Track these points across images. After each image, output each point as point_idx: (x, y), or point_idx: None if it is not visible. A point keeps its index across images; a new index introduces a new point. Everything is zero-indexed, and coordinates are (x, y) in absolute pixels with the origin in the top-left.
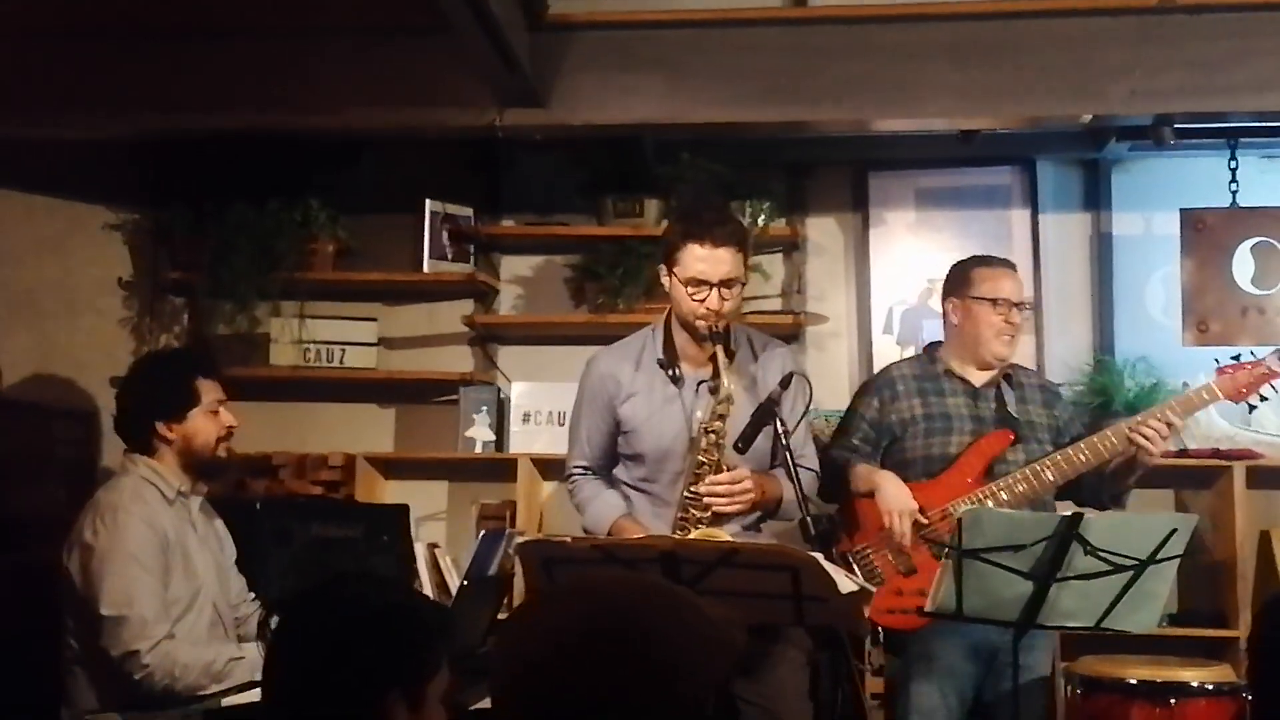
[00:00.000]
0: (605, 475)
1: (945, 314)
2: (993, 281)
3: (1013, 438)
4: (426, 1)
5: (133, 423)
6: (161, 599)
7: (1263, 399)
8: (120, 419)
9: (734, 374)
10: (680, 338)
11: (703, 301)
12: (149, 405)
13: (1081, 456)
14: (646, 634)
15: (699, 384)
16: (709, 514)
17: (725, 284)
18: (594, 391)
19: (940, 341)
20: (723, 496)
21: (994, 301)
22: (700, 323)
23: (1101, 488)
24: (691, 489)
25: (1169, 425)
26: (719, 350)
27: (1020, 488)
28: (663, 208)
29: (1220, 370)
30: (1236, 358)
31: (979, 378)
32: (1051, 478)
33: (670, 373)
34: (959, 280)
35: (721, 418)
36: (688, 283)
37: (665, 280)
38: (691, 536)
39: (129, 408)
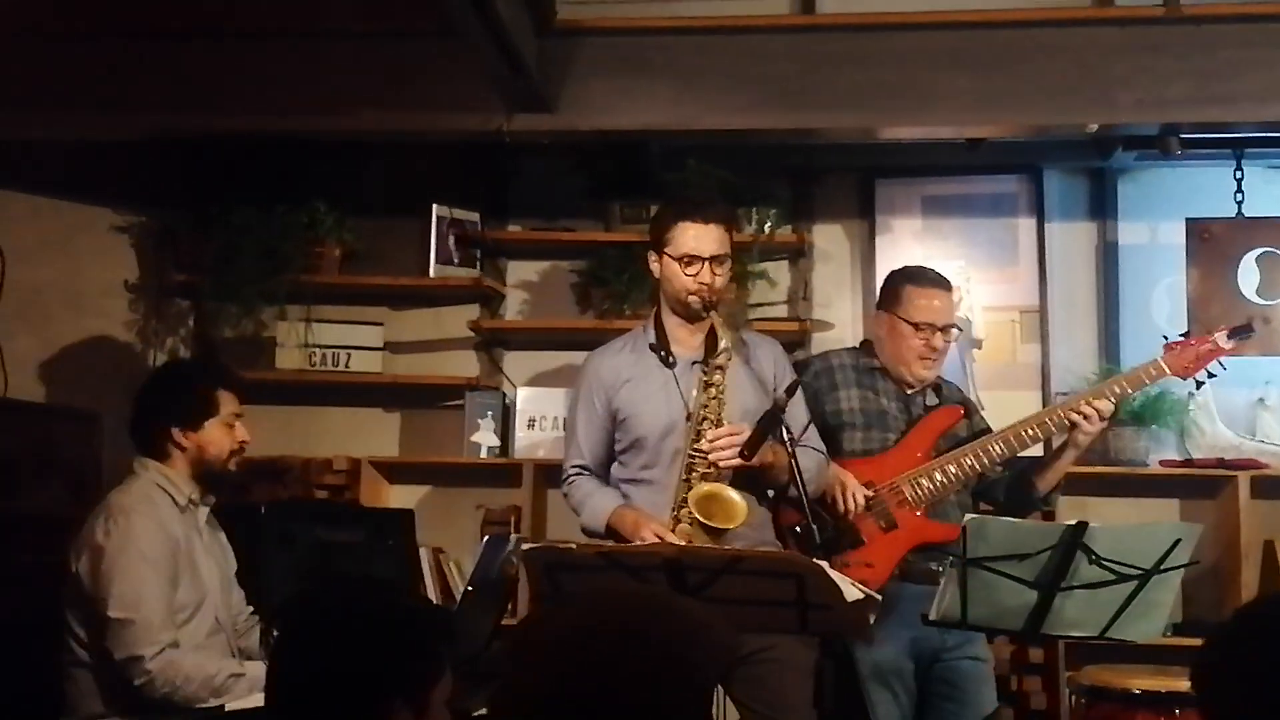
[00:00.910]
0: (602, 476)
1: (874, 324)
2: (919, 302)
3: (961, 413)
4: (434, 6)
5: (149, 427)
6: (169, 604)
7: (1210, 375)
8: (136, 422)
9: (720, 331)
10: (671, 322)
11: (695, 275)
12: (167, 411)
13: (1029, 431)
14: (644, 647)
15: (692, 363)
16: (712, 469)
17: (716, 259)
18: (590, 388)
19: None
20: (725, 449)
21: (915, 325)
22: (693, 298)
23: (1023, 481)
24: (694, 446)
25: (1109, 402)
26: (714, 315)
27: (968, 461)
28: None
29: (1167, 346)
30: (1185, 334)
31: (911, 386)
32: (1000, 449)
33: (662, 355)
34: (888, 293)
35: (721, 369)
36: (681, 259)
37: (655, 265)
38: (693, 493)
39: (147, 411)
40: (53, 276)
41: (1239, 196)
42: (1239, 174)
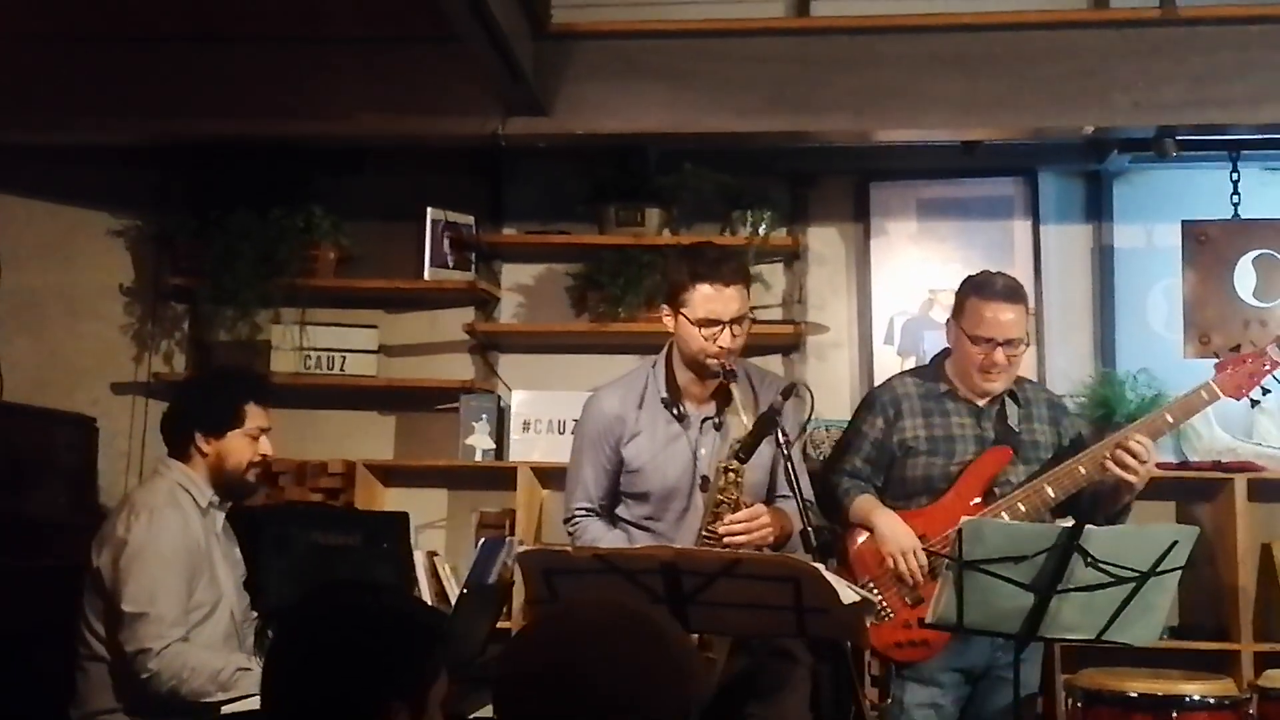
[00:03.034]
0: (608, 515)
1: (946, 330)
2: (980, 316)
3: (1010, 455)
4: (431, 10)
5: (176, 427)
6: (183, 602)
7: (1265, 392)
8: (167, 420)
9: (742, 414)
10: (683, 375)
11: (715, 340)
12: (194, 414)
13: (1082, 469)
14: (666, 632)
15: (703, 421)
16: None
17: (735, 321)
18: (597, 432)
19: (949, 350)
20: (741, 535)
21: (974, 339)
22: (712, 361)
23: (1097, 508)
24: (710, 528)
25: (1162, 430)
26: (734, 389)
27: (1021, 507)
28: (664, 217)
29: (1219, 367)
30: (1236, 348)
31: (982, 396)
32: (1052, 494)
33: (674, 411)
34: (956, 302)
35: (739, 455)
36: (699, 323)
37: (669, 320)
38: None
39: (177, 413)
40: (49, 280)
41: (1235, 198)
42: (1235, 176)
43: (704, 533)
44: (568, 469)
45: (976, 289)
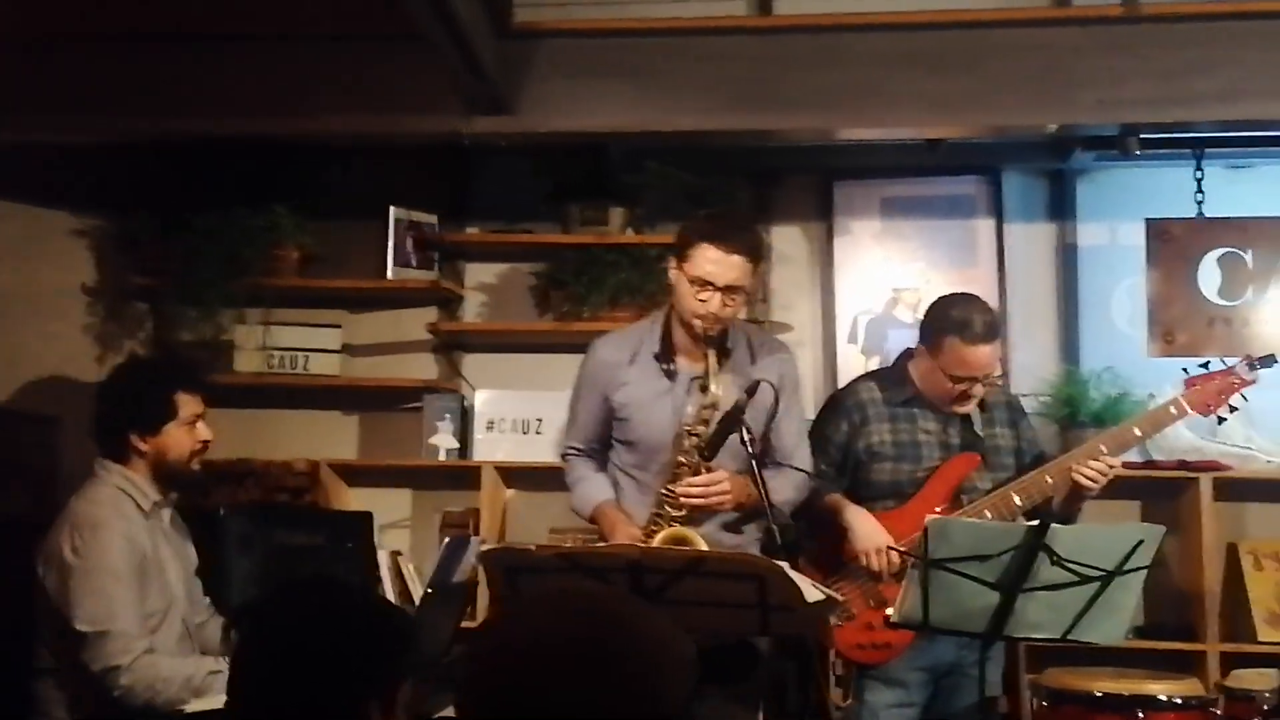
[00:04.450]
0: (599, 457)
1: (916, 353)
2: (962, 359)
3: (979, 461)
4: (393, 8)
5: (108, 430)
6: (140, 613)
7: (1232, 409)
8: (96, 425)
9: (727, 376)
10: (678, 333)
11: (705, 303)
12: (125, 415)
13: (1049, 479)
14: (628, 647)
15: (692, 379)
16: (683, 512)
17: (730, 290)
18: (592, 376)
19: (911, 352)
20: (697, 498)
21: (954, 378)
22: (698, 322)
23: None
24: (668, 486)
25: (1130, 444)
26: (711, 355)
27: (988, 514)
28: (628, 216)
29: (1188, 383)
30: (1205, 365)
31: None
32: (1019, 502)
33: (665, 366)
34: (931, 336)
35: (705, 422)
36: (694, 281)
37: (673, 273)
38: (660, 535)
39: (105, 415)
40: (11, 281)
41: (1199, 197)
42: (1199, 174)
43: (662, 491)
44: (569, 404)
45: (958, 330)
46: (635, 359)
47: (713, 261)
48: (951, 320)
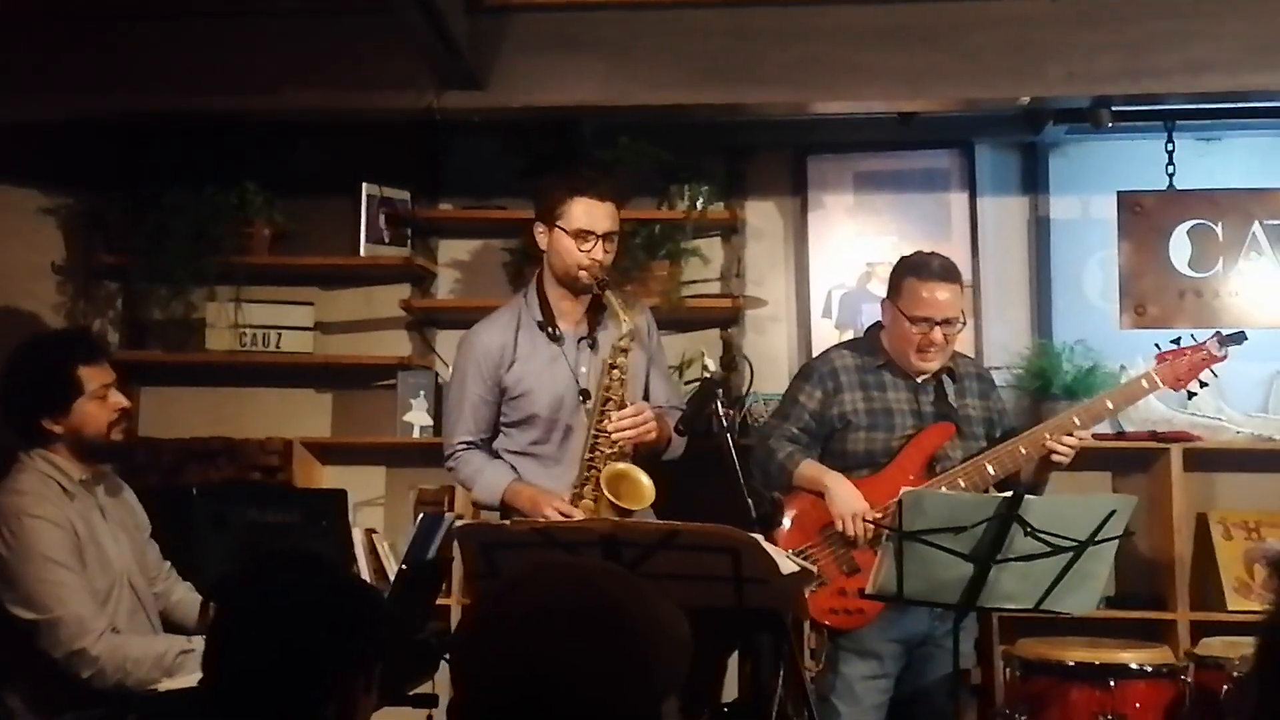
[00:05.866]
0: (487, 448)
1: (881, 309)
2: (918, 296)
3: (953, 431)
4: None
5: (17, 419)
6: (91, 592)
7: (1203, 385)
8: (4, 416)
9: (621, 312)
10: (555, 294)
11: (589, 252)
12: (30, 401)
13: (1023, 449)
14: (635, 623)
15: (579, 340)
16: (616, 449)
17: (607, 236)
18: (478, 364)
19: (881, 324)
20: (629, 430)
21: (912, 319)
22: (584, 273)
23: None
24: (598, 427)
25: (1102, 416)
26: (609, 293)
27: (962, 483)
28: None
29: (1159, 357)
30: (1176, 341)
31: (918, 374)
32: (993, 471)
33: (550, 332)
34: (892, 282)
35: (624, 351)
36: (575, 234)
37: (542, 237)
38: (603, 473)
39: (10, 404)
40: None
41: (1170, 169)
42: (1170, 147)
43: (593, 431)
44: (444, 409)
45: (913, 270)
46: (519, 333)
47: (590, 211)
48: (909, 263)
